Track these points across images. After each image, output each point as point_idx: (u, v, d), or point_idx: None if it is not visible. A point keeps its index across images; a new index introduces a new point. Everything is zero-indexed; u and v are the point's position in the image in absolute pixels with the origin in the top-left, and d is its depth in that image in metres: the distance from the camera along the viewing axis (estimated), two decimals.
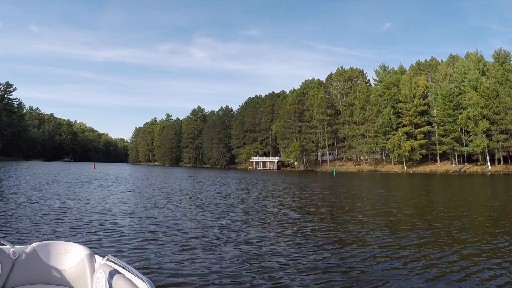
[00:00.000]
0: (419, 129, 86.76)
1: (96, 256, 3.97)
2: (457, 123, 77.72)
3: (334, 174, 69.19)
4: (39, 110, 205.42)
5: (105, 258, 3.74)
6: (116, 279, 3.24)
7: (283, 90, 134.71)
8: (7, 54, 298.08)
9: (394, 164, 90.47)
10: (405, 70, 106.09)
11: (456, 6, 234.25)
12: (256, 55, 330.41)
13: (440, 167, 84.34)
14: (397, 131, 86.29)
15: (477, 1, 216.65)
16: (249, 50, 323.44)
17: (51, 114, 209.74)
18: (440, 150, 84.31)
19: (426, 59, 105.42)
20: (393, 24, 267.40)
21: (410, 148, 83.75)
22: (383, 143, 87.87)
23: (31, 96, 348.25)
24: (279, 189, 29.31)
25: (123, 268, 3.44)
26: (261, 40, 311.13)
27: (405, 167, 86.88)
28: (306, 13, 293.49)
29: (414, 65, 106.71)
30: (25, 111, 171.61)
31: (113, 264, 3.56)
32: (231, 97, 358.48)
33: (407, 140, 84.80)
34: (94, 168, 69.23)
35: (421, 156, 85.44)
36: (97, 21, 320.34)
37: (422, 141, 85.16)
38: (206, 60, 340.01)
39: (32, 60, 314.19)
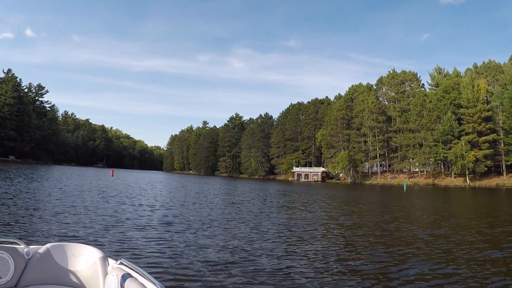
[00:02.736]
0: (483, 138, 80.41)
1: (110, 259, 3.93)
2: None
3: (405, 189, 62.52)
4: (75, 115, 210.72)
5: (119, 262, 3.74)
6: (128, 282, 3.24)
7: (327, 97, 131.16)
8: (50, 62, 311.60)
9: (455, 177, 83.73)
10: (460, 73, 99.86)
11: (496, 15, 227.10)
12: (295, 66, 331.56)
13: (507, 180, 78.04)
14: (459, 139, 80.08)
15: None
16: (288, 60, 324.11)
17: (87, 120, 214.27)
18: (508, 161, 77.37)
19: (483, 62, 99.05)
20: (431, 34, 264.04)
21: (474, 159, 77.18)
22: (444, 153, 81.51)
23: (70, 103, 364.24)
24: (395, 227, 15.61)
25: (136, 272, 3.42)
26: (300, 51, 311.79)
27: (468, 181, 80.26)
28: (344, 24, 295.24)
29: (471, 68, 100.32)
30: (60, 115, 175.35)
31: (126, 267, 3.56)
32: (270, 107, 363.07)
33: (471, 150, 78.23)
34: (112, 176, 59.43)
35: (486, 168, 79.05)
36: (138, 31, 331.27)
37: (488, 151, 78.85)
38: (245, 71, 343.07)
39: (74, 68, 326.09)
